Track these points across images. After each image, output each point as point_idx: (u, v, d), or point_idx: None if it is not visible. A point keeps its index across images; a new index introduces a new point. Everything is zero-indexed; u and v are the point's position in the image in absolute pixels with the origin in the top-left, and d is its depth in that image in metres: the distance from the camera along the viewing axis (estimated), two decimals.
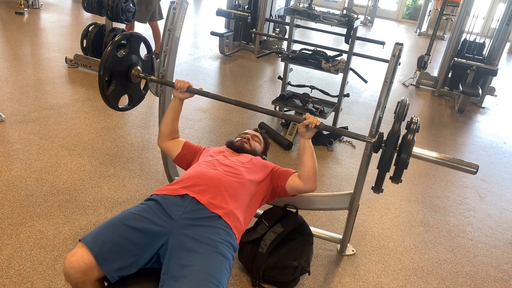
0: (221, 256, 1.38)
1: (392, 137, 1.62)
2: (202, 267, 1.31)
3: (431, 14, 10.19)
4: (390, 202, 2.82)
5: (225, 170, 1.73)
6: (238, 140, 2.08)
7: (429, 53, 5.25)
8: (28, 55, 4.70)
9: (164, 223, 1.44)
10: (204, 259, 1.35)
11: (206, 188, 1.60)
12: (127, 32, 1.99)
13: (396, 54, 1.73)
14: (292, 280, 1.92)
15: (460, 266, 2.29)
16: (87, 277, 1.31)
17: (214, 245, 1.40)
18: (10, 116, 3.18)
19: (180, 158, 2.03)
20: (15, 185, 2.40)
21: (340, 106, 3.67)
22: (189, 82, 1.98)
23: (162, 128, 2.05)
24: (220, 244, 1.42)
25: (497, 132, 4.45)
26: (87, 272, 1.30)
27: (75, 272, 1.29)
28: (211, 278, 1.28)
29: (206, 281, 1.26)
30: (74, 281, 1.32)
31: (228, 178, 1.68)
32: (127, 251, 1.36)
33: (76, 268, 1.29)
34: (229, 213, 1.55)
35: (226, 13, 5.39)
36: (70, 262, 1.30)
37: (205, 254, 1.36)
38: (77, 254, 1.31)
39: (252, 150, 2.05)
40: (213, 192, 1.59)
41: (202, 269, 1.31)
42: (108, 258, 1.32)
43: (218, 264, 1.36)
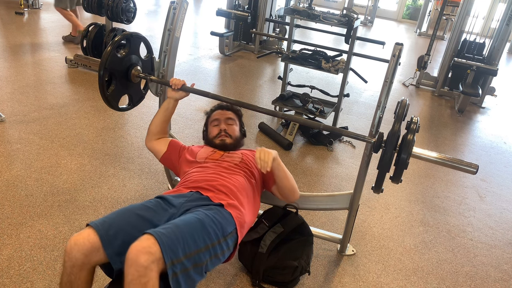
0: (200, 223, 1.37)
1: (392, 137, 1.62)
2: (177, 223, 1.35)
3: (431, 14, 10.20)
4: (390, 202, 2.82)
5: (224, 177, 1.72)
6: (216, 135, 1.99)
7: (429, 53, 5.25)
8: (28, 55, 4.70)
9: (167, 212, 1.48)
10: (183, 220, 1.38)
11: (210, 188, 1.63)
12: (127, 32, 1.99)
13: (396, 54, 1.73)
14: (292, 280, 1.92)
15: (460, 266, 2.29)
16: (87, 260, 1.30)
17: (199, 214, 1.42)
18: (10, 116, 3.18)
19: (166, 158, 2.00)
20: (15, 185, 2.40)
21: (340, 106, 3.67)
22: (184, 80, 1.98)
23: (151, 127, 2.05)
24: (206, 217, 1.41)
25: (497, 132, 4.45)
26: (90, 253, 1.30)
27: (78, 250, 1.29)
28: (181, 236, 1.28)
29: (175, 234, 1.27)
30: (73, 262, 1.30)
31: (229, 184, 1.68)
32: (133, 237, 1.34)
33: (80, 245, 1.29)
34: (233, 205, 1.57)
35: (226, 13, 5.39)
36: (76, 239, 1.30)
37: (186, 217, 1.40)
38: (83, 233, 1.31)
39: (235, 141, 1.99)
40: (217, 191, 1.62)
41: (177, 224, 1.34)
42: (113, 241, 1.32)
43: (193, 227, 1.35)
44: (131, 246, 1.22)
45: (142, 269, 1.19)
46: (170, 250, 1.23)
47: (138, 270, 1.19)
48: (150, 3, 9.57)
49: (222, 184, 1.65)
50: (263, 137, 3.52)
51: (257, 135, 3.55)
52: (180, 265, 1.26)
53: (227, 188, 1.64)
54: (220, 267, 2.00)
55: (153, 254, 1.20)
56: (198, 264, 1.32)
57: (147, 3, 9.43)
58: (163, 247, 1.22)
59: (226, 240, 1.44)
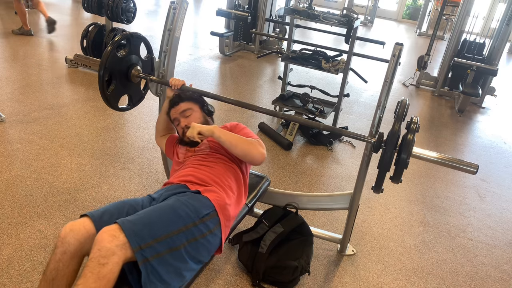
0: (169, 207, 1.38)
1: (392, 137, 1.62)
2: (146, 210, 1.36)
3: (431, 14, 10.20)
4: (390, 202, 2.82)
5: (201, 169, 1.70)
6: (182, 135, 1.87)
7: (429, 53, 5.25)
8: (28, 55, 4.70)
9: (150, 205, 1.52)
10: (152, 207, 1.39)
11: (187, 182, 1.62)
12: (127, 32, 1.99)
13: (396, 54, 1.73)
14: (292, 280, 1.92)
15: (460, 266, 2.29)
16: (80, 247, 1.32)
17: (170, 200, 1.43)
18: (10, 116, 3.18)
19: (167, 152, 2.06)
20: (15, 185, 2.40)
21: (340, 106, 3.67)
22: (183, 80, 1.97)
23: (156, 125, 2.11)
24: (178, 201, 1.42)
25: (497, 132, 4.45)
26: (85, 240, 1.32)
27: (73, 236, 1.31)
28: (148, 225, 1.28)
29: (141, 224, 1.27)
30: (65, 248, 1.31)
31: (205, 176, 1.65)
32: None
33: (76, 231, 1.31)
34: (210, 190, 1.55)
35: (226, 13, 5.39)
36: (72, 225, 1.33)
37: (157, 205, 1.41)
38: (79, 221, 1.36)
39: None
40: (194, 184, 1.61)
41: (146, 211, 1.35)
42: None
43: (162, 212, 1.35)
44: (99, 231, 1.24)
45: (105, 250, 1.20)
46: (134, 234, 1.23)
47: (100, 250, 1.20)
48: (150, 3, 9.56)
49: (199, 177, 1.63)
50: (263, 137, 3.52)
51: (257, 135, 3.54)
52: (150, 249, 1.24)
53: (204, 180, 1.62)
54: (220, 267, 2.00)
55: (117, 238, 1.21)
56: (173, 248, 1.30)
57: (147, 3, 9.43)
58: (126, 232, 1.23)
59: (204, 222, 1.41)
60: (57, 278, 1.32)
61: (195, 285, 1.87)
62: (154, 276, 1.25)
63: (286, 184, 2.84)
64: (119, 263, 1.21)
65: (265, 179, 2.15)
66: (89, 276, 1.18)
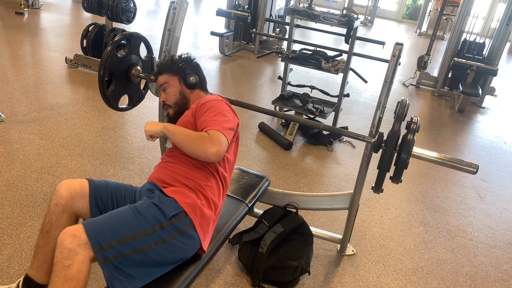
0: (134, 210, 1.36)
1: (392, 137, 1.62)
2: (112, 211, 1.36)
3: (431, 14, 10.19)
4: (390, 202, 2.82)
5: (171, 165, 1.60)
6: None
7: (429, 53, 5.25)
8: (28, 55, 4.70)
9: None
10: (118, 209, 1.39)
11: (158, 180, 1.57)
12: (127, 32, 1.99)
13: (396, 54, 1.73)
14: (292, 280, 1.92)
15: (460, 266, 2.29)
16: (71, 202, 1.43)
17: (137, 203, 1.41)
18: (10, 116, 3.18)
19: None
20: (15, 185, 2.40)
21: (340, 106, 3.67)
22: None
23: None
24: (143, 203, 1.40)
25: (497, 132, 4.45)
26: (76, 195, 1.44)
27: (66, 188, 1.44)
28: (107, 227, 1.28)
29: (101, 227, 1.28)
30: (57, 200, 1.43)
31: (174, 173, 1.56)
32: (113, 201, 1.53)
33: (70, 185, 1.45)
34: (176, 191, 1.47)
35: (226, 13, 5.39)
36: (68, 180, 1.47)
37: (123, 207, 1.40)
38: (77, 179, 1.49)
39: (176, 107, 1.70)
40: (162, 182, 1.55)
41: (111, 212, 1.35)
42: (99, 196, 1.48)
43: (127, 214, 1.34)
44: (61, 231, 1.26)
45: (66, 251, 1.21)
46: (96, 233, 1.24)
47: (62, 252, 1.21)
48: (150, 3, 9.56)
49: (166, 177, 1.55)
50: (263, 137, 3.52)
51: (257, 135, 3.55)
52: (112, 250, 1.25)
53: (171, 180, 1.53)
54: (220, 267, 2.00)
55: (78, 237, 1.22)
56: (138, 249, 1.30)
57: (147, 3, 9.43)
58: (88, 232, 1.23)
59: (172, 223, 1.38)
60: (51, 230, 1.45)
61: (195, 285, 1.87)
62: (119, 273, 1.26)
63: (286, 184, 2.84)
64: (85, 262, 1.22)
65: (265, 179, 2.15)
66: (56, 281, 1.21)
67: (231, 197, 1.93)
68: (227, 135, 1.44)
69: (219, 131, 1.41)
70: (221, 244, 1.65)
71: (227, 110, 1.54)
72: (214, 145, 1.38)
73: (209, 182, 1.53)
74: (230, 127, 1.49)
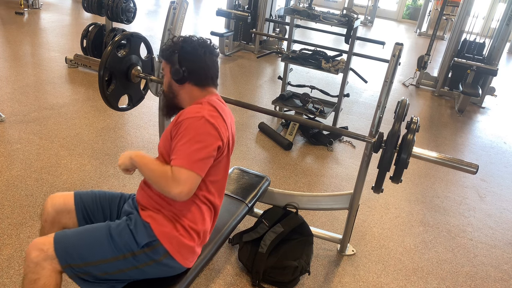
0: (107, 233, 1.29)
1: (392, 137, 1.62)
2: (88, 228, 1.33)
3: (431, 14, 10.19)
4: (390, 202, 2.82)
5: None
6: None
7: (429, 53, 5.25)
8: (28, 55, 4.70)
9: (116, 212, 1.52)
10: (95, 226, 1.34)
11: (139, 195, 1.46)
12: (127, 32, 1.98)
13: (396, 54, 1.73)
14: (292, 280, 1.92)
15: (460, 266, 2.29)
16: (57, 218, 1.43)
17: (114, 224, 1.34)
18: (10, 116, 3.18)
19: None
20: (15, 185, 2.40)
21: (340, 106, 3.67)
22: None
23: None
24: (118, 226, 1.32)
25: (497, 132, 4.45)
26: (61, 212, 1.43)
27: (51, 206, 1.43)
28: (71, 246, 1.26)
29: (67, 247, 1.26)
30: (45, 216, 1.44)
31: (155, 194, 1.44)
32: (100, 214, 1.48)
33: (54, 201, 1.44)
34: (152, 217, 1.35)
35: (226, 13, 5.39)
36: (54, 196, 1.46)
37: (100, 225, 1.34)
38: (62, 193, 1.47)
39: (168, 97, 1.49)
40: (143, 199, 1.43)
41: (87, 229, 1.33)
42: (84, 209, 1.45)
43: (99, 236, 1.29)
44: (29, 244, 1.26)
45: (32, 265, 1.21)
46: (65, 252, 1.23)
47: (28, 266, 1.22)
48: (150, 3, 9.56)
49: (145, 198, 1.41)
50: (263, 137, 3.52)
51: (257, 135, 3.55)
52: (80, 269, 1.25)
53: (149, 203, 1.39)
54: (220, 267, 2.00)
55: (45, 252, 1.22)
56: (110, 272, 1.27)
57: (147, 3, 9.43)
58: (57, 250, 1.23)
59: (145, 252, 1.29)
60: None
61: (195, 285, 1.87)
62: (92, 284, 1.27)
63: (286, 184, 2.84)
64: (52, 275, 1.22)
65: (265, 179, 2.15)
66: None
67: (231, 197, 1.93)
68: (196, 169, 1.24)
69: (183, 167, 1.22)
70: (221, 244, 1.65)
71: (204, 133, 1.27)
72: (177, 185, 1.21)
73: (187, 210, 1.35)
74: (202, 157, 1.26)
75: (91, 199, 1.47)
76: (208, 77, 1.43)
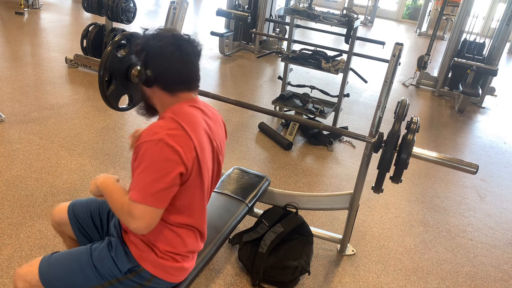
0: (89, 260, 1.26)
1: (392, 137, 1.62)
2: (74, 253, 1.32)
3: (431, 14, 10.19)
4: (390, 202, 2.82)
5: None
6: None
7: (429, 53, 5.25)
8: (28, 55, 4.70)
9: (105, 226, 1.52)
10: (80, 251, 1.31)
11: None
12: (127, 32, 1.98)
13: (396, 54, 1.74)
14: (292, 280, 1.92)
15: (460, 266, 2.29)
16: (61, 229, 1.51)
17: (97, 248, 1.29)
18: (10, 116, 3.18)
19: None
20: (15, 185, 2.40)
21: (340, 106, 3.67)
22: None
23: None
24: (101, 252, 1.28)
25: (497, 132, 4.45)
26: (61, 224, 1.49)
27: (53, 219, 1.51)
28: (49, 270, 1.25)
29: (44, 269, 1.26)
30: (54, 227, 1.54)
31: None
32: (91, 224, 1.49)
33: (54, 216, 1.50)
34: (132, 241, 1.29)
35: (226, 13, 5.39)
36: (53, 210, 1.52)
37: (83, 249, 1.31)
38: (59, 207, 1.51)
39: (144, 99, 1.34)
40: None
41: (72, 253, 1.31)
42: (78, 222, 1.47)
43: (84, 269, 1.25)
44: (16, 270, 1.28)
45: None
46: (50, 283, 1.23)
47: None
48: (150, 3, 9.56)
49: None
50: (263, 137, 3.52)
51: (257, 135, 3.55)
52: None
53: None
54: (220, 267, 2.00)
55: (29, 282, 1.23)
56: None
57: (147, 3, 9.43)
58: (42, 278, 1.23)
59: (128, 278, 1.26)
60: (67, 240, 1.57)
61: (195, 285, 1.87)
62: None
63: (286, 184, 2.84)
64: None
65: (265, 179, 2.15)
66: None
67: (231, 197, 1.93)
68: (153, 203, 1.12)
69: (137, 202, 1.11)
70: (221, 244, 1.65)
71: (161, 160, 1.12)
72: (133, 220, 1.13)
73: (161, 236, 1.25)
74: (160, 188, 1.12)
75: (83, 211, 1.47)
76: (176, 82, 1.23)
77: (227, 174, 2.12)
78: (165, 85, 1.22)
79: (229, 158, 3.08)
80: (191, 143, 1.16)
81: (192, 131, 1.18)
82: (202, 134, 1.22)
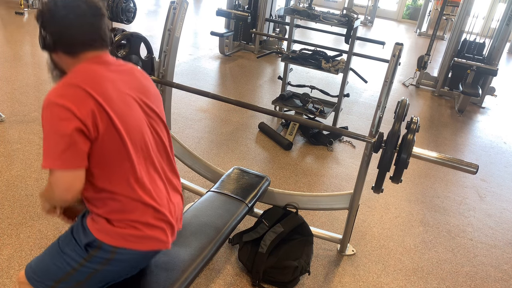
0: (61, 253, 1.26)
1: (392, 137, 1.62)
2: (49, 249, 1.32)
3: (431, 14, 10.19)
4: (390, 202, 2.82)
5: None
6: None
7: (429, 53, 5.25)
8: (28, 55, 4.70)
9: None
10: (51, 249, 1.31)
11: None
12: (127, 32, 1.99)
13: (396, 54, 1.74)
14: (292, 280, 1.92)
15: (460, 266, 2.29)
16: None
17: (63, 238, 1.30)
18: (10, 116, 3.18)
19: None
20: (15, 185, 2.40)
21: (340, 106, 3.67)
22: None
23: None
24: (67, 240, 1.28)
25: (497, 132, 4.45)
26: None
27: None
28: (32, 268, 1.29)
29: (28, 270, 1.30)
30: None
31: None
32: None
33: None
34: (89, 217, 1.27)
35: (226, 13, 5.39)
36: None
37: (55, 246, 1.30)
38: None
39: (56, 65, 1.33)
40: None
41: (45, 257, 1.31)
42: None
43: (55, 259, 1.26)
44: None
45: None
46: (36, 281, 1.28)
47: None
48: (150, 3, 9.57)
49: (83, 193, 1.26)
50: (263, 137, 3.52)
51: (257, 135, 3.55)
52: (60, 285, 1.26)
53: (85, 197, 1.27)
54: (220, 267, 2.00)
55: (26, 284, 1.30)
56: (81, 281, 1.25)
57: (147, 3, 9.43)
58: (29, 277, 1.28)
59: (93, 255, 1.23)
60: None
61: (195, 285, 1.87)
62: None
63: (286, 184, 2.84)
64: None
65: (265, 179, 2.15)
66: None
67: (231, 197, 1.93)
68: (61, 165, 1.08)
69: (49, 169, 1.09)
70: (221, 244, 1.65)
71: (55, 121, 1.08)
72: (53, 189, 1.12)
73: (105, 204, 1.22)
74: (62, 149, 1.07)
75: None
76: (76, 44, 1.18)
77: (227, 174, 2.12)
78: (65, 49, 1.20)
79: (229, 158, 3.08)
80: (86, 96, 1.10)
81: (89, 85, 1.12)
82: (107, 86, 1.16)
